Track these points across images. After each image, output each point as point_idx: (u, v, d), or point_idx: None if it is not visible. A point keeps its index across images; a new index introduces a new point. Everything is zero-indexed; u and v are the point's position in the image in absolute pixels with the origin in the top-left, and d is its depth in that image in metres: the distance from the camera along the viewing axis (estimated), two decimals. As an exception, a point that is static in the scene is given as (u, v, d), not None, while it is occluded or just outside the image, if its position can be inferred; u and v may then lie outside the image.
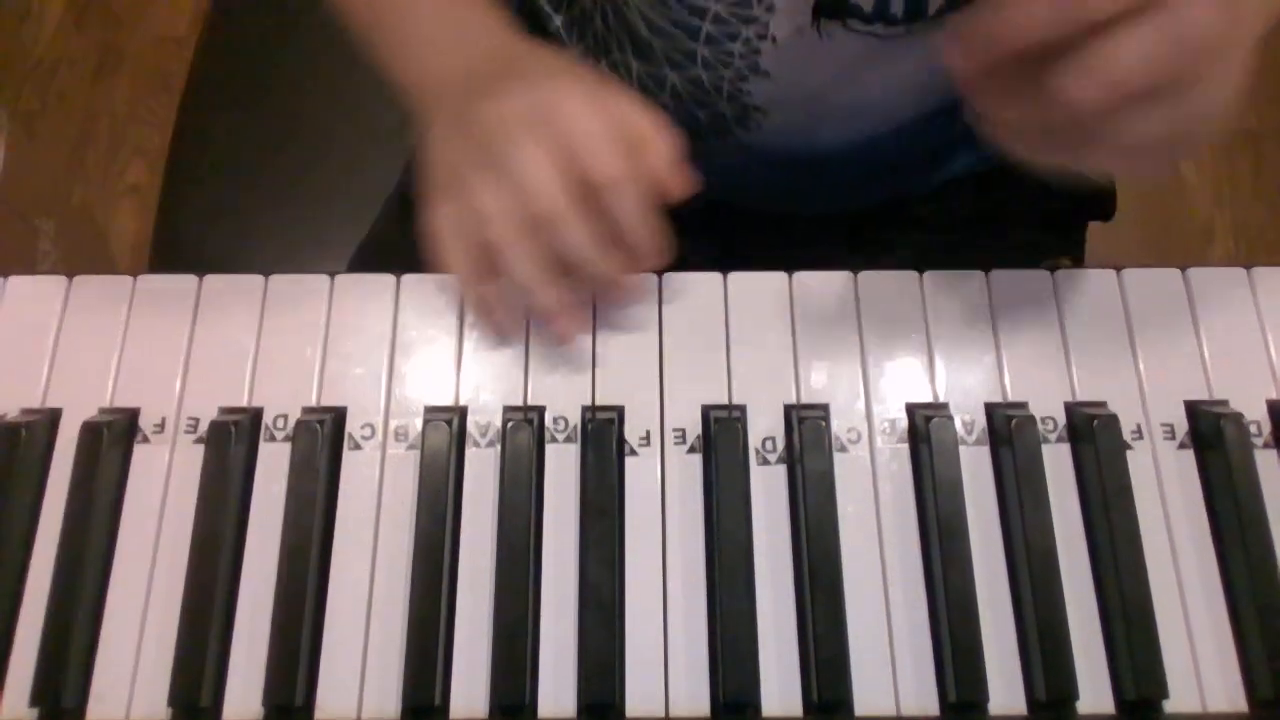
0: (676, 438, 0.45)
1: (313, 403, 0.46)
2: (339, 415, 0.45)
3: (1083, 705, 0.41)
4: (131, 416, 0.45)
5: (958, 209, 0.67)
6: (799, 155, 0.60)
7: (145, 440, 0.45)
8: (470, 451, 0.45)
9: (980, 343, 0.47)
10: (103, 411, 0.45)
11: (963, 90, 0.37)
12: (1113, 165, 0.41)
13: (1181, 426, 0.45)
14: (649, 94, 0.58)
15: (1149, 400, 0.46)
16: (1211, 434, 0.44)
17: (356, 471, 0.45)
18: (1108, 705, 0.41)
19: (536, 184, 0.42)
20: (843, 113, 0.58)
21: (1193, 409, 0.46)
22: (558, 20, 0.62)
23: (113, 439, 0.44)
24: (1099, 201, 0.69)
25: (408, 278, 0.48)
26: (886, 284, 0.48)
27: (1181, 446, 0.45)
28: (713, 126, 0.57)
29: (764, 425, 0.45)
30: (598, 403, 0.46)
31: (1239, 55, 0.36)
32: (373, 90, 0.85)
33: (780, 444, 0.45)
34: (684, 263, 0.46)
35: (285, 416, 0.45)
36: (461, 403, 0.46)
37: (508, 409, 0.46)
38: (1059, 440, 0.45)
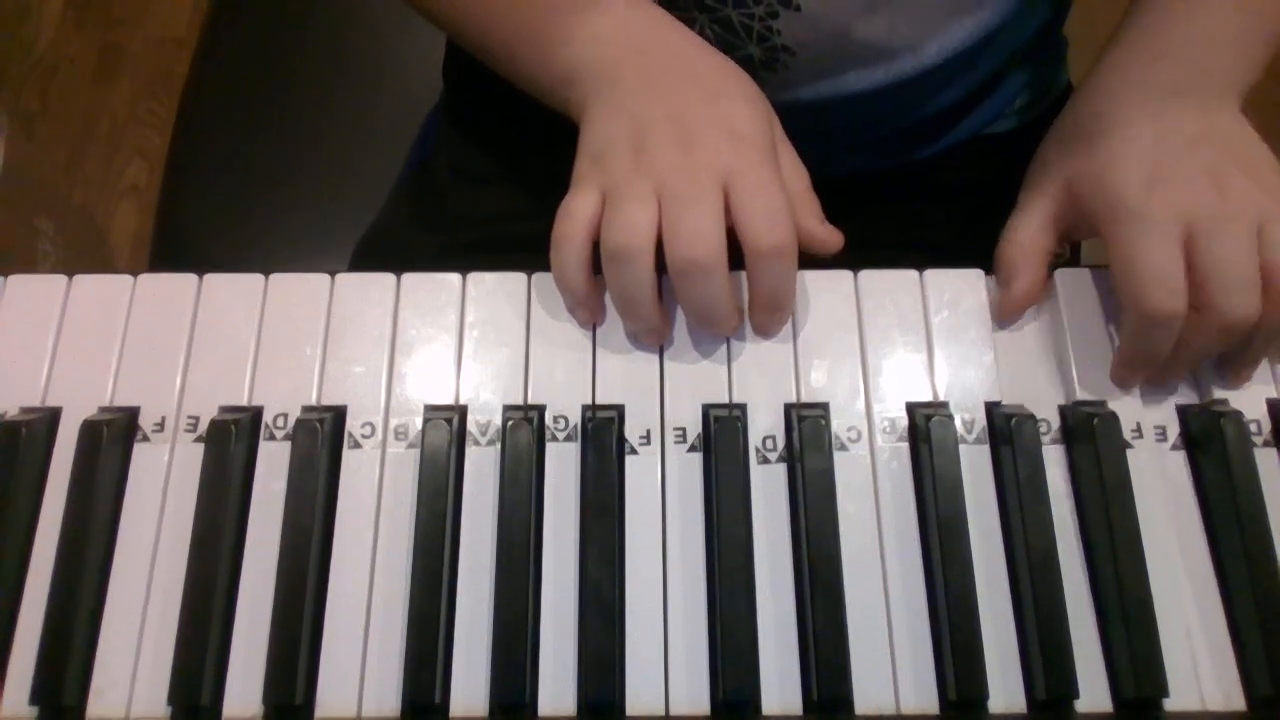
0: (677, 436, 0.45)
1: (313, 401, 0.46)
2: (339, 414, 0.45)
3: (1082, 704, 0.41)
4: (131, 415, 0.45)
5: (960, 178, 0.68)
6: (819, 105, 0.60)
7: (145, 439, 0.45)
8: (470, 450, 0.45)
9: (980, 341, 0.47)
10: (102, 410, 0.45)
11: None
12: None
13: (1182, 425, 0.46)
14: None
15: (1148, 399, 0.46)
16: (1211, 432, 0.44)
17: (356, 470, 0.45)
18: (1107, 704, 0.41)
19: (704, 235, 0.43)
20: (869, 53, 0.58)
21: (1192, 407, 0.46)
22: None
23: (112, 438, 0.44)
24: None
25: (408, 276, 0.48)
26: (886, 283, 0.48)
27: (1182, 445, 0.45)
28: None
29: (764, 424, 0.45)
30: (598, 401, 0.46)
31: None
32: (372, 89, 0.86)
33: (780, 443, 0.45)
34: None
35: (285, 415, 0.45)
36: (461, 401, 0.46)
37: (508, 408, 0.46)
38: (1059, 439, 0.45)
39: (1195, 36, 0.50)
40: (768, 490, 0.44)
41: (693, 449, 0.45)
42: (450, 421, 0.44)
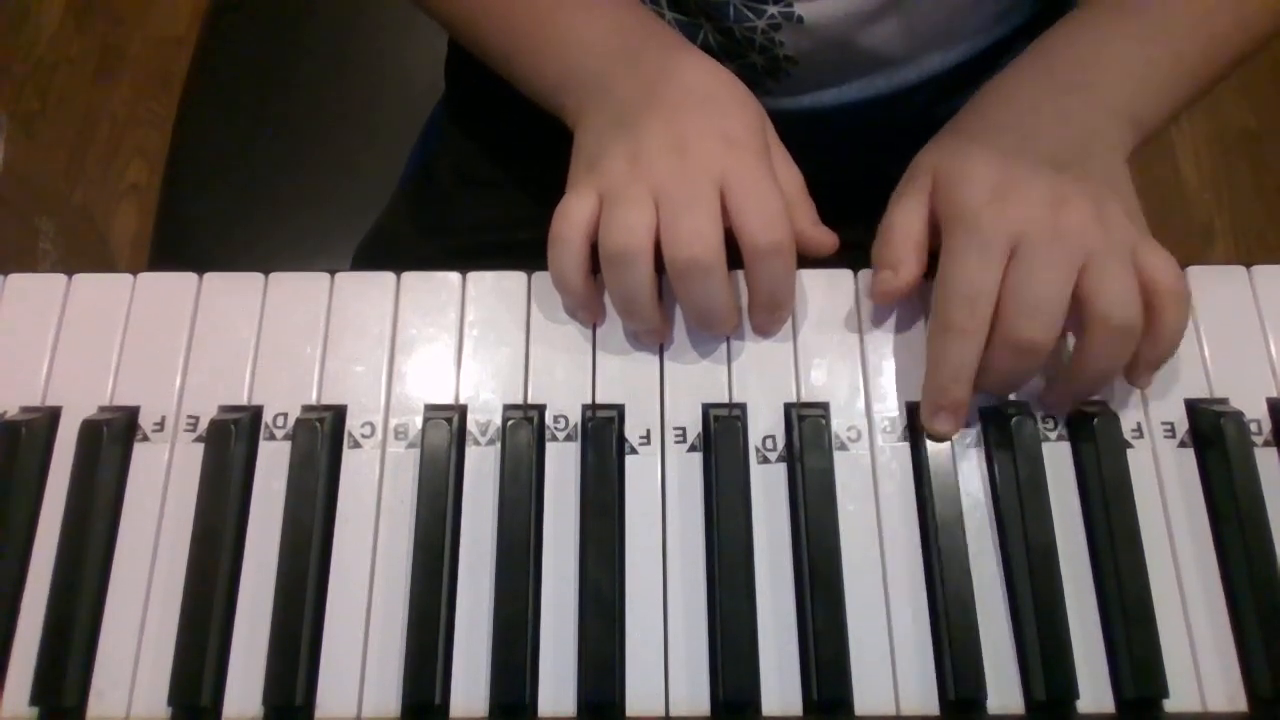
0: (677, 436, 0.45)
1: (313, 401, 0.46)
2: (339, 413, 0.45)
3: (1082, 704, 0.41)
4: (131, 415, 0.45)
5: None
6: (822, 112, 0.60)
7: (145, 439, 0.45)
8: (470, 450, 0.45)
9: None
10: (102, 410, 0.45)
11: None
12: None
13: (1182, 425, 0.45)
14: None
15: (1149, 398, 0.46)
16: (1212, 432, 0.44)
17: (356, 470, 0.45)
18: (1107, 704, 0.41)
19: (703, 235, 0.43)
20: (872, 62, 0.58)
21: (1193, 407, 0.46)
22: None
23: (112, 437, 0.44)
24: None
25: (408, 276, 0.48)
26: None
27: (1182, 445, 0.45)
28: (742, 80, 0.58)
29: (764, 423, 0.45)
30: (598, 401, 0.46)
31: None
32: (372, 88, 0.86)
33: (780, 442, 0.45)
34: None
35: (285, 415, 0.45)
36: (461, 401, 0.46)
37: (508, 407, 0.46)
38: (1059, 439, 0.45)
39: (1099, 62, 0.48)
40: (768, 490, 0.44)
41: (693, 449, 0.45)
42: (450, 421, 0.44)
